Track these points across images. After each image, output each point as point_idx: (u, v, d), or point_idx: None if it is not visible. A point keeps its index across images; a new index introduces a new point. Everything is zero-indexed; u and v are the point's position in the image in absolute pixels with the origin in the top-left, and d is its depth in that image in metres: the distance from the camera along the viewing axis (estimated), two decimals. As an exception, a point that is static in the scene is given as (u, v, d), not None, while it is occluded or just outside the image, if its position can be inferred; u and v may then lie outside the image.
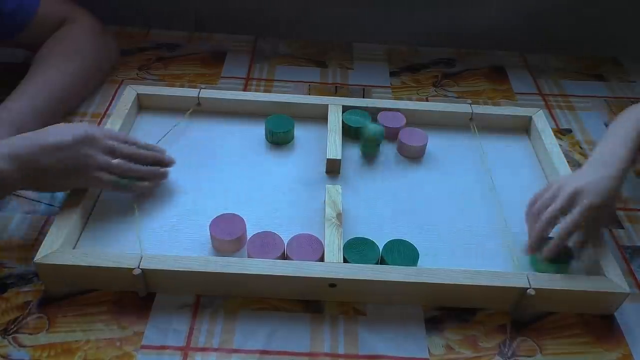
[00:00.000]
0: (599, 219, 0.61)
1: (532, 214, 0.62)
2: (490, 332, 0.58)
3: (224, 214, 0.63)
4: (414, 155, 0.76)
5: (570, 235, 0.59)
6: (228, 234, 0.61)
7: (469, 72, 0.98)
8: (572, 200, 0.59)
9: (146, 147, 0.67)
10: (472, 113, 0.81)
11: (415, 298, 0.59)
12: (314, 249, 0.60)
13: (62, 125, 0.61)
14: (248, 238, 0.62)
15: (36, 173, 0.57)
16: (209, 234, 0.63)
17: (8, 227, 0.64)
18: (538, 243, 0.60)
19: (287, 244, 0.61)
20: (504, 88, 0.95)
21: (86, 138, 0.59)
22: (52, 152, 0.57)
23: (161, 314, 0.57)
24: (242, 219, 0.63)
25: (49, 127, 0.60)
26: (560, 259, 0.60)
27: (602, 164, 0.62)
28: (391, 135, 0.78)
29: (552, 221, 0.59)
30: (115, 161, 0.62)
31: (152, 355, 0.54)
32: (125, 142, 0.65)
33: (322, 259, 0.59)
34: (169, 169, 0.68)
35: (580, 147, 0.82)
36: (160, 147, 0.69)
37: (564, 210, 0.59)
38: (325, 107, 0.79)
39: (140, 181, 0.65)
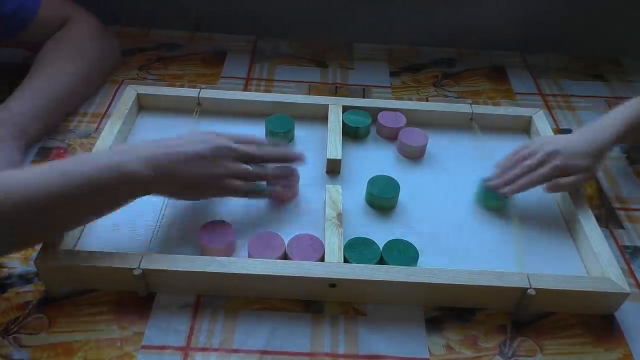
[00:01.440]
0: (572, 180, 0.65)
1: (510, 160, 0.68)
2: (491, 332, 0.58)
3: (211, 221, 0.63)
4: (414, 155, 0.76)
5: (534, 186, 0.66)
6: (219, 242, 0.61)
7: (469, 72, 0.98)
8: (547, 158, 0.65)
9: (270, 146, 0.67)
10: (472, 113, 0.81)
11: (415, 298, 0.59)
12: (314, 249, 0.60)
13: (195, 134, 0.61)
14: (251, 236, 0.62)
15: (170, 182, 0.57)
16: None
17: (8, 227, 0.64)
18: (504, 185, 0.67)
19: (288, 244, 0.61)
20: (504, 88, 0.95)
21: (221, 148, 0.60)
22: (188, 162, 0.57)
23: (161, 314, 0.57)
24: (229, 225, 0.62)
25: (181, 136, 0.60)
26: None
27: (589, 132, 0.68)
28: (391, 135, 0.78)
29: (525, 173, 0.66)
30: (246, 168, 0.62)
31: (153, 355, 0.54)
32: (252, 143, 0.64)
33: (322, 259, 0.59)
34: (298, 167, 0.67)
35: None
36: (283, 143, 0.70)
37: (537, 165, 0.66)
38: (325, 107, 0.79)
39: (274, 185, 0.66)
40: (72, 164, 0.54)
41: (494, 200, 0.69)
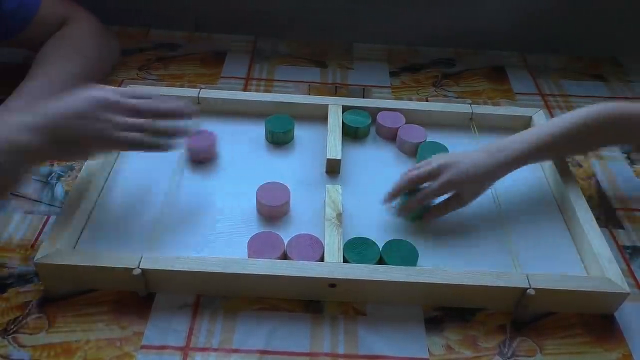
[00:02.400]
0: (459, 196, 0.65)
1: (403, 174, 0.66)
2: (490, 332, 0.58)
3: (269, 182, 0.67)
4: (413, 152, 0.77)
5: (427, 201, 0.65)
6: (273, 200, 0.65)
7: (469, 72, 0.98)
8: (437, 172, 0.64)
9: (160, 100, 0.64)
10: (472, 113, 0.81)
11: (415, 298, 0.59)
12: (314, 249, 0.60)
13: (79, 91, 0.59)
14: (250, 236, 0.62)
15: (59, 143, 0.56)
16: (208, 233, 0.64)
17: (8, 227, 0.64)
18: (392, 196, 0.65)
19: (287, 244, 0.61)
20: (504, 88, 0.95)
21: (102, 102, 0.58)
22: (71, 120, 0.56)
23: (161, 314, 0.57)
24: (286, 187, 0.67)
25: (66, 95, 0.59)
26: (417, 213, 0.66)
27: (494, 149, 0.66)
28: (391, 135, 0.78)
29: (411, 184, 0.65)
30: (134, 121, 0.60)
31: (152, 355, 0.54)
32: (140, 98, 0.62)
33: (322, 259, 0.59)
34: (193, 126, 0.64)
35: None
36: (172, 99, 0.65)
37: (427, 178, 0.64)
38: (325, 107, 0.79)
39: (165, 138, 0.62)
40: None
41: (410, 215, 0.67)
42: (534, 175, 0.75)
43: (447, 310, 0.59)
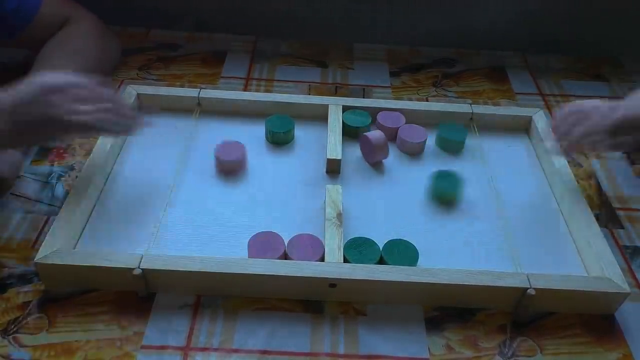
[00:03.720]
0: (623, 141, 0.62)
1: (567, 121, 0.64)
2: (491, 332, 0.58)
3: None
4: (414, 151, 0.77)
5: (589, 140, 0.62)
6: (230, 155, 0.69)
7: (469, 72, 0.98)
8: (609, 113, 0.61)
9: (105, 92, 0.62)
10: (472, 113, 0.81)
11: (415, 298, 0.59)
12: (314, 249, 0.60)
13: (30, 79, 0.59)
14: (251, 236, 0.61)
15: (13, 131, 0.56)
16: (209, 233, 0.64)
17: (8, 227, 0.64)
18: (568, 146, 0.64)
19: (288, 244, 0.61)
20: (504, 88, 0.95)
21: (51, 88, 0.58)
22: (23, 107, 0.56)
23: (161, 314, 0.57)
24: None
25: (18, 83, 0.59)
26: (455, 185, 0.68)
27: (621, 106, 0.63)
28: (391, 135, 0.78)
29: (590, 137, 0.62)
30: (85, 107, 0.59)
31: (152, 355, 0.54)
32: (86, 89, 0.61)
33: (322, 259, 0.59)
34: (142, 123, 0.64)
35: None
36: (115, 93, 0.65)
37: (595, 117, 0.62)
38: (325, 107, 0.79)
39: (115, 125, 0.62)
40: None
41: (447, 191, 0.69)
42: (534, 176, 0.75)
43: (447, 310, 0.59)
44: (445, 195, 0.70)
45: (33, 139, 0.63)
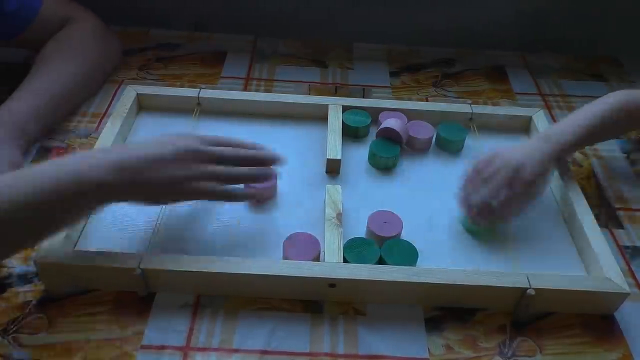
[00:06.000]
0: (528, 194, 0.64)
1: (473, 182, 0.64)
2: (490, 332, 0.58)
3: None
4: (421, 148, 0.77)
5: (509, 207, 0.63)
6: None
7: (469, 72, 0.98)
8: (515, 173, 0.62)
9: (247, 146, 0.62)
10: (472, 113, 0.81)
11: (414, 298, 0.59)
12: (311, 247, 0.60)
13: (163, 137, 0.58)
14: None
15: (131, 187, 0.54)
16: (208, 233, 0.64)
17: (8, 227, 0.64)
18: (480, 210, 0.63)
19: (285, 242, 0.61)
20: (504, 88, 0.95)
21: (190, 150, 0.56)
22: (150, 167, 0.54)
23: (161, 313, 0.57)
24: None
25: (149, 139, 0.58)
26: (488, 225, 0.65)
27: (544, 138, 0.67)
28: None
29: (497, 192, 0.62)
30: (213, 168, 0.58)
31: (152, 355, 0.54)
32: (226, 144, 0.61)
33: (318, 258, 0.59)
34: (277, 169, 0.64)
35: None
36: (260, 145, 0.64)
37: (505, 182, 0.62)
38: (325, 107, 0.79)
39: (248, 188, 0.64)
40: (40, 173, 0.50)
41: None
42: (534, 175, 0.75)
43: (447, 310, 0.59)
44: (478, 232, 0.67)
45: (146, 200, 0.57)
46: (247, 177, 0.62)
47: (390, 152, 0.74)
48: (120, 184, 0.52)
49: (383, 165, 0.74)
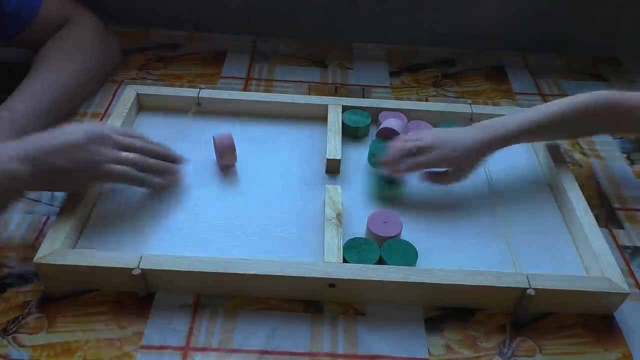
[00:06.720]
0: (454, 173, 0.68)
1: (395, 146, 0.68)
2: (490, 332, 0.58)
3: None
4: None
5: (413, 171, 0.67)
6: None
7: (469, 72, 0.98)
8: (428, 148, 0.66)
9: (153, 143, 0.67)
10: (472, 113, 0.81)
11: (414, 298, 0.59)
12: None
13: (70, 125, 0.62)
14: (370, 215, 0.64)
15: (50, 173, 0.58)
16: (208, 233, 0.64)
17: (8, 227, 0.64)
18: (389, 164, 0.67)
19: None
20: (504, 88, 0.95)
21: (96, 136, 0.60)
22: (64, 152, 0.58)
23: (161, 313, 0.57)
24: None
25: (57, 128, 0.61)
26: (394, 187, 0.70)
27: (483, 127, 0.69)
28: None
29: (400, 156, 0.66)
30: (127, 154, 0.62)
31: (152, 355, 0.54)
32: (134, 137, 0.65)
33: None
34: (181, 167, 0.68)
35: (581, 147, 0.82)
36: (165, 145, 0.68)
37: (416, 153, 0.66)
38: (325, 107, 0.79)
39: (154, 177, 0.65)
40: None
41: (388, 190, 0.70)
42: (534, 175, 0.75)
43: (447, 310, 0.59)
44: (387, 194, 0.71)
45: (63, 185, 0.62)
46: (155, 168, 0.65)
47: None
48: (30, 173, 0.55)
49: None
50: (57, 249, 0.57)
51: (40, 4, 0.79)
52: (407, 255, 0.61)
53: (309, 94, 0.89)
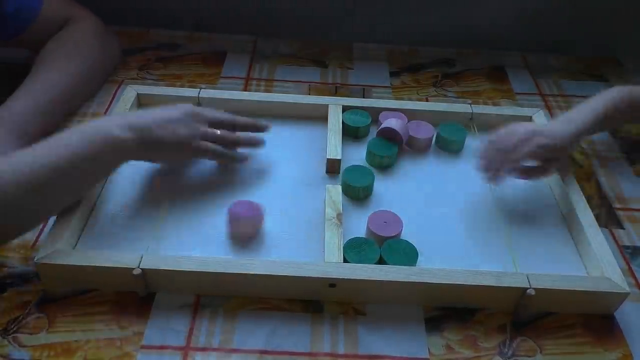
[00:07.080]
0: (550, 161, 0.68)
1: (496, 149, 0.67)
2: (490, 332, 0.58)
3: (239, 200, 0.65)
4: (422, 147, 0.77)
5: (518, 165, 0.67)
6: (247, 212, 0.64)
7: (469, 72, 0.98)
8: (527, 138, 0.66)
9: (239, 117, 0.72)
10: (472, 113, 0.81)
11: (414, 298, 0.59)
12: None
13: (169, 105, 0.67)
14: (370, 215, 0.65)
15: (154, 144, 0.62)
16: (208, 233, 0.64)
17: (8, 227, 0.64)
18: (485, 167, 0.67)
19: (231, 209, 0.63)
20: (504, 88, 0.95)
21: (192, 112, 0.66)
22: (167, 126, 0.63)
23: (161, 313, 0.57)
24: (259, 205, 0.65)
25: (159, 107, 0.66)
26: None
27: (566, 120, 0.70)
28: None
29: (500, 152, 0.66)
30: (219, 131, 0.68)
31: (152, 355, 0.54)
32: (222, 113, 0.71)
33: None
34: (263, 138, 0.72)
35: (581, 147, 0.82)
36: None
37: (517, 145, 0.66)
38: (325, 107, 0.79)
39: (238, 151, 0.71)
40: (68, 139, 0.58)
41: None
42: (534, 175, 0.75)
43: (447, 310, 0.59)
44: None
45: (161, 157, 0.67)
46: (243, 141, 0.71)
47: (387, 151, 0.74)
48: (136, 140, 0.60)
49: (378, 164, 0.74)
50: (58, 249, 0.57)
51: (40, 5, 0.79)
52: (408, 255, 0.61)
53: (309, 94, 0.89)
